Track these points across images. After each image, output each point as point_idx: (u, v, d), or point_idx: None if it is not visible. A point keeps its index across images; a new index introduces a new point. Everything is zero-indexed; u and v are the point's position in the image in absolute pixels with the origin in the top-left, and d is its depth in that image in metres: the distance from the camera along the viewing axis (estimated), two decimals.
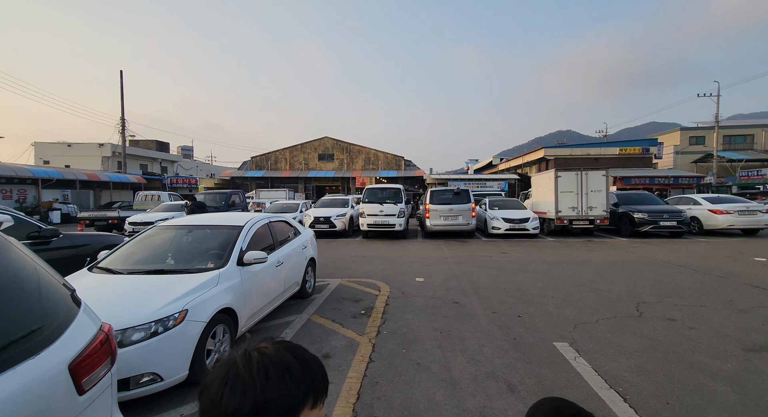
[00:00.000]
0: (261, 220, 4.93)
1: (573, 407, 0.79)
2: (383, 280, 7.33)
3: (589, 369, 3.56)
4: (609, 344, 4.12)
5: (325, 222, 14.01)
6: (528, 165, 39.12)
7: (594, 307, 5.45)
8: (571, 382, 3.34)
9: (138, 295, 3.19)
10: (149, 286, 3.33)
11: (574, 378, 3.40)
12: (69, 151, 38.02)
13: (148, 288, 3.29)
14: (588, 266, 8.38)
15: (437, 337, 4.41)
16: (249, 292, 4.03)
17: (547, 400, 0.83)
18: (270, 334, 4.51)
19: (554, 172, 13.62)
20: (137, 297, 3.14)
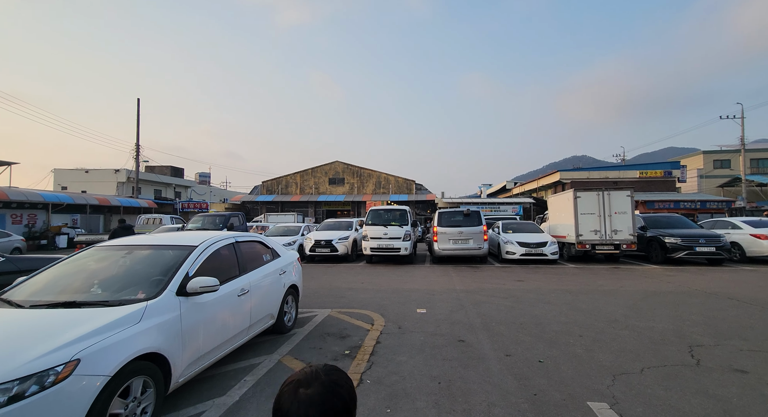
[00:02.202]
0: (223, 239, 4.15)
1: None
2: (379, 310, 6.37)
3: None
4: (665, 408, 3.06)
5: (326, 245, 13.18)
6: (543, 189, 37.89)
7: (635, 350, 4.37)
8: None
9: (19, 338, 2.39)
10: (43, 326, 2.53)
11: None
12: (86, 177, 38.95)
13: (40, 328, 2.50)
14: (618, 297, 7.23)
15: (434, 391, 3.43)
16: (192, 330, 3.18)
17: None
18: (223, 384, 3.61)
19: (573, 193, 12.61)
20: (16, 341, 2.34)
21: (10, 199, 21.53)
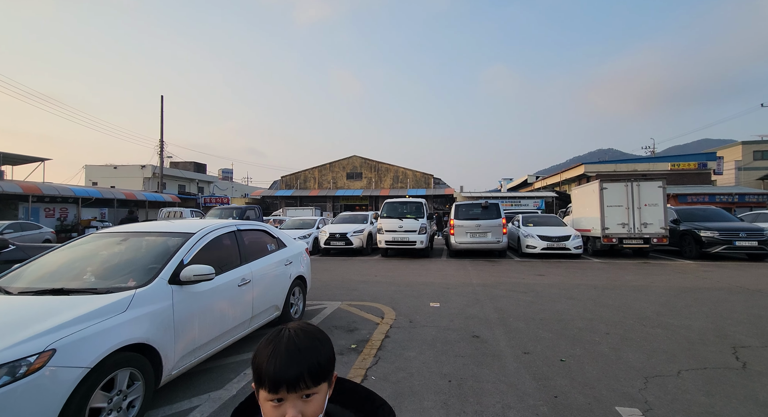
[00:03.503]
0: (223, 227, 3.98)
1: None
2: (391, 304, 6.13)
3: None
4: (706, 415, 2.68)
5: (341, 239, 13.02)
6: (566, 183, 36.54)
7: (669, 350, 3.95)
8: None
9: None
10: (23, 314, 2.41)
11: None
12: (115, 173, 40.41)
13: (20, 316, 2.37)
14: (649, 294, 6.71)
15: (444, 390, 3.16)
16: (187, 321, 3.03)
17: None
18: (222, 377, 3.46)
19: (599, 183, 11.93)
20: None
21: (43, 194, 22.48)
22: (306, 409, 0.74)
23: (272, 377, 0.72)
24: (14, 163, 27.50)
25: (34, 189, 21.83)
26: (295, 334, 0.78)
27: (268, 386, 0.73)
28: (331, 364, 0.79)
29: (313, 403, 0.75)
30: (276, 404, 0.74)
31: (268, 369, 0.73)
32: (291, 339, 0.76)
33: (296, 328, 0.80)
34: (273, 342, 0.77)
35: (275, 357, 0.74)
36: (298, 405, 0.73)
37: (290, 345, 0.75)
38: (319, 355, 0.76)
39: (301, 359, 0.74)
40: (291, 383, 0.72)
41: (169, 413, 2.83)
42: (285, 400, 0.73)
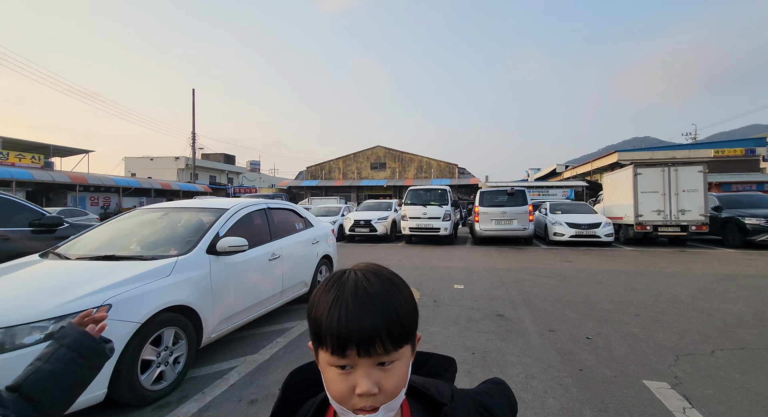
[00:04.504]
0: (254, 205, 4.18)
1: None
2: (415, 285, 6.21)
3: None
4: (741, 391, 2.61)
5: (366, 225, 13.19)
6: (598, 172, 35.09)
7: (704, 331, 3.83)
8: None
9: (62, 283, 2.52)
10: (82, 275, 2.66)
11: None
12: (151, 164, 42.43)
13: (79, 276, 2.62)
14: (685, 279, 6.45)
15: (468, 360, 3.23)
16: (223, 288, 3.23)
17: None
18: (256, 344, 3.67)
19: (633, 169, 11.42)
20: (58, 286, 2.47)
21: (88, 183, 24.03)
22: (385, 381, 0.53)
23: (336, 333, 0.53)
24: (62, 154, 29.42)
25: (81, 179, 23.34)
26: (364, 277, 0.57)
27: (331, 346, 0.53)
28: (414, 319, 0.57)
29: (394, 374, 0.54)
30: (343, 372, 0.54)
31: (331, 322, 0.53)
32: (359, 283, 0.56)
33: (364, 269, 0.59)
34: (335, 286, 0.57)
35: (339, 305, 0.54)
36: (374, 375, 0.53)
37: (359, 290, 0.55)
38: (398, 305, 0.55)
39: (375, 310, 0.53)
40: (363, 343, 0.52)
41: (210, 372, 3.06)
42: (355, 367, 0.53)
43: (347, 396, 0.53)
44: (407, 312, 0.56)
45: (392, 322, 0.54)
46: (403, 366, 0.56)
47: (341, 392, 0.54)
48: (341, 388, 0.54)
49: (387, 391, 0.53)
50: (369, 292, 0.55)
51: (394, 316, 0.54)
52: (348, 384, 0.54)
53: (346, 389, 0.54)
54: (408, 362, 0.58)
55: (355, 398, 0.53)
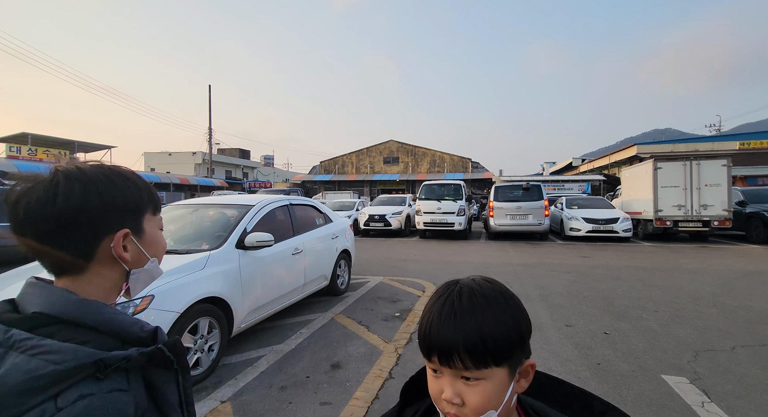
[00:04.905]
0: (278, 201, 4.32)
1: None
2: (431, 280, 6.31)
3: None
4: (761, 387, 2.64)
5: (380, 220, 13.31)
6: (616, 165, 34.26)
7: (724, 328, 3.82)
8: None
9: None
10: None
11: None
12: (170, 159, 43.41)
13: None
14: (706, 276, 6.37)
15: None
16: (251, 281, 3.40)
17: None
18: (281, 334, 3.84)
19: (653, 163, 11.19)
20: None
21: None
22: (467, 396, 0.54)
23: (422, 338, 0.58)
24: (86, 150, 30.34)
25: None
26: (462, 291, 0.58)
27: (421, 349, 0.58)
28: (507, 343, 0.54)
29: (478, 392, 0.54)
30: (435, 375, 0.58)
31: (422, 326, 0.58)
32: (455, 296, 0.57)
33: (470, 282, 0.60)
34: (441, 293, 0.60)
35: (431, 314, 0.58)
36: (457, 386, 0.55)
37: (449, 303, 0.57)
38: (484, 325, 0.54)
39: (456, 326, 0.54)
40: (442, 353, 0.55)
41: (240, 360, 3.23)
42: (442, 373, 0.57)
43: (438, 397, 0.57)
44: (498, 334, 0.54)
45: (471, 340, 0.53)
46: (490, 387, 0.54)
47: (434, 392, 0.58)
48: (434, 388, 0.58)
49: (471, 406, 0.54)
50: (456, 306, 0.56)
51: (475, 335, 0.53)
52: (438, 387, 0.57)
53: (436, 391, 0.57)
54: (501, 386, 0.55)
55: (443, 402, 0.56)
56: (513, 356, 0.56)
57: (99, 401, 0.48)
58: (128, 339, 0.57)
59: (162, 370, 0.59)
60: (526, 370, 0.59)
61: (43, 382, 0.47)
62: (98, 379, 0.50)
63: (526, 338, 0.57)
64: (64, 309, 0.54)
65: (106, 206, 0.59)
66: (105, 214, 0.59)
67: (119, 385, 0.51)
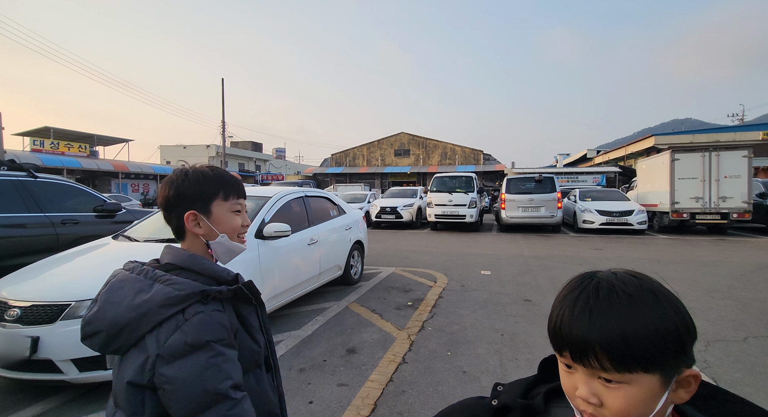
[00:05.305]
0: (294, 193, 4.45)
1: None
2: (443, 271, 6.40)
3: None
4: None
5: (392, 212, 13.41)
6: (632, 156, 33.48)
7: (738, 320, 3.82)
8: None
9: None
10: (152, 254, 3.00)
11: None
12: (184, 152, 44.16)
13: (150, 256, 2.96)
14: (721, 268, 6.29)
15: (496, 341, 3.41)
16: (269, 269, 3.54)
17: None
18: (298, 321, 3.99)
19: (670, 154, 10.98)
20: None
21: (129, 171, 25.47)
22: (607, 399, 0.49)
23: (552, 332, 0.54)
24: (105, 144, 31.11)
25: (122, 167, 24.76)
26: (600, 286, 0.52)
27: (551, 342, 0.55)
28: (658, 349, 0.48)
29: (620, 397, 0.49)
30: (567, 370, 0.54)
31: (552, 317, 0.54)
32: (591, 290, 0.52)
33: (612, 275, 0.54)
34: (576, 283, 0.55)
35: (562, 307, 0.53)
36: (594, 386, 0.50)
37: (584, 298, 0.52)
38: (629, 324, 0.48)
39: (594, 323, 0.49)
40: (576, 351, 0.50)
41: None
42: (576, 369, 0.52)
43: (571, 393, 0.53)
44: (645, 337, 0.47)
45: (609, 340, 0.48)
46: (636, 393, 0.48)
47: (567, 388, 0.54)
48: (566, 383, 0.54)
49: (612, 410, 0.49)
50: (592, 302, 0.50)
51: (616, 335, 0.48)
52: (571, 382, 0.53)
53: (569, 386, 0.53)
54: (651, 394, 0.49)
55: (578, 399, 0.52)
56: (667, 363, 0.48)
57: (207, 316, 0.75)
58: (220, 280, 0.85)
59: (246, 304, 0.86)
60: (687, 381, 0.50)
61: (173, 301, 0.75)
62: (204, 303, 0.77)
63: (686, 345, 0.49)
64: (181, 260, 0.85)
65: (179, 195, 0.87)
66: (180, 200, 0.87)
67: (218, 308, 0.78)
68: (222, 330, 0.76)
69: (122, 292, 0.78)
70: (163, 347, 0.72)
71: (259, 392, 0.87)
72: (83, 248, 3.33)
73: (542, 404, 0.60)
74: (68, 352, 2.27)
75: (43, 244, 4.28)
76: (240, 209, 0.95)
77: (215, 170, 0.93)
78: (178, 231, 0.90)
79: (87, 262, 3.00)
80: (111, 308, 0.77)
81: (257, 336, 0.88)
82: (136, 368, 0.74)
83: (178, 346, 0.72)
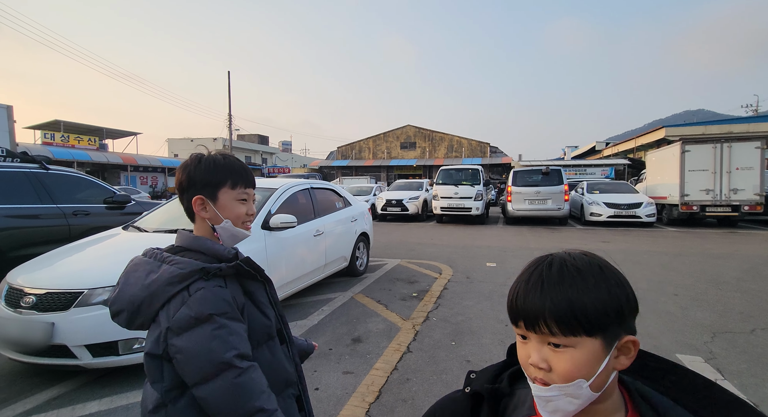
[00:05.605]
0: (299, 185, 4.48)
1: None
2: (448, 263, 6.41)
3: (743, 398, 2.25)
4: None
5: (397, 205, 13.41)
6: (642, 149, 32.93)
7: (746, 311, 3.80)
8: None
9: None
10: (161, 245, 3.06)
11: None
12: (192, 145, 44.39)
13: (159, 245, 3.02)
14: (732, 261, 6.22)
15: (500, 331, 3.43)
16: (276, 260, 3.58)
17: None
18: (304, 311, 4.05)
19: (680, 146, 10.80)
20: None
21: (138, 164, 25.74)
22: (554, 362, 0.54)
23: (509, 306, 0.59)
24: (113, 137, 31.40)
25: (131, 160, 25.03)
26: (553, 262, 0.58)
27: (509, 316, 0.60)
28: (598, 316, 0.53)
29: (565, 360, 0.53)
30: (522, 341, 0.59)
31: (510, 294, 0.60)
32: (545, 266, 0.58)
33: (566, 254, 0.59)
34: (530, 265, 0.60)
35: (518, 283, 0.59)
36: (544, 352, 0.55)
37: (537, 273, 0.57)
38: (575, 293, 0.53)
39: (542, 294, 0.55)
40: (528, 318, 0.56)
41: None
42: (529, 339, 0.57)
43: (525, 362, 0.58)
44: (589, 303, 0.53)
45: (559, 306, 0.53)
46: (580, 355, 0.53)
47: (521, 358, 0.59)
48: (521, 354, 0.59)
49: (558, 373, 0.54)
50: (545, 275, 0.56)
51: (563, 302, 0.53)
52: (525, 352, 0.58)
53: (523, 356, 0.58)
54: (593, 357, 0.53)
55: (530, 367, 0.57)
56: (608, 329, 0.53)
57: (208, 291, 0.82)
58: (221, 258, 0.89)
59: (252, 280, 0.93)
60: (627, 347, 0.55)
61: (176, 278, 0.82)
62: (205, 279, 0.83)
63: (625, 313, 0.55)
64: (188, 242, 0.93)
65: (190, 180, 0.93)
66: (190, 185, 0.94)
67: (219, 284, 0.84)
68: (224, 304, 0.82)
69: (136, 274, 0.87)
70: (172, 321, 0.80)
71: (274, 362, 0.93)
72: (94, 238, 3.41)
73: (507, 387, 0.65)
74: (82, 338, 2.34)
75: (55, 234, 4.38)
76: (246, 198, 0.98)
77: (227, 159, 0.97)
78: (189, 213, 0.96)
79: (98, 252, 3.07)
80: (128, 289, 0.85)
81: (267, 310, 0.94)
82: (153, 341, 0.83)
83: (185, 320, 0.79)
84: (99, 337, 2.34)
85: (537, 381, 0.56)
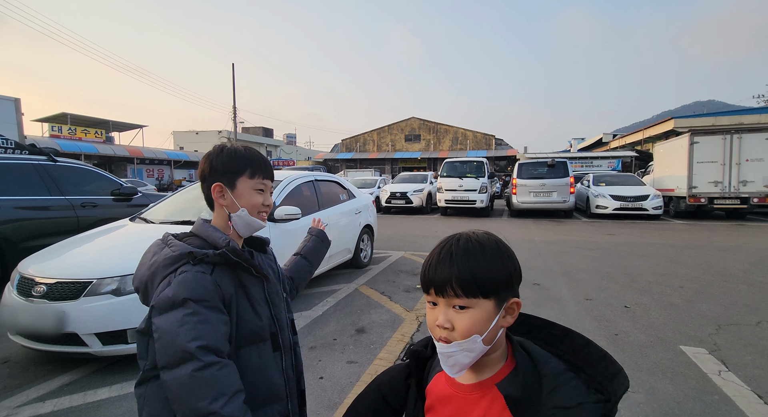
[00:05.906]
0: (304, 177, 4.49)
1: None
2: None
3: (746, 391, 2.26)
4: None
5: (402, 197, 13.40)
6: (650, 140, 32.43)
7: (752, 304, 3.77)
8: (710, 406, 2.12)
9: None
10: None
11: (718, 402, 2.16)
12: (197, 138, 44.60)
13: None
14: (739, 253, 6.17)
15: None
16: (279, 252, 3.53)
17: None
18: (309, 302, 4.09)
19: (689, 137, 10.63)
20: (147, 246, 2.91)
21: (144, 156, 25.90)
22: (456, 321, 0.65)
23: (423, 276, 0.69)
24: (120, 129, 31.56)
25: (137, 152, 25.19)
26: (461, 240, 0.69)
27: (422, 285, 0.70)
28: (493, 281, 0.65)
29: (466, 318, 0.64)
30: (432, 307, 0.69)
31: (423, 267, 0.70)
32: (454, 243, 0.69)
33: (470, 234, 0.71)
34: (441, 243, 0.71)
35: (432, 256, 0.70)
36: (449, 314, 0.66)
37: (447, 248, 0.68)
38: (476, 264, 0.65)
39: (451, 264, 0.65)
40: (438, 285, 0.66)
41: None
42: (438, 305, 0.68)
43: (432, 325, 0.69)
44: (486, 271, 0.65)
45: (463, 274, 0.64)
46: (476, 314, 0.64)
47: (429, 322, 0.70)
48: (430, 319, 0.69)
49: (459, 330, 0.64)
50: (453, 249, 0.67)
51: (467, 272, 0.64)
52: (433, 316, 0.68)
53: (431, 320, 0.68)
54: (487, 315, 0.65)
55: (437, 329, 0.67)
56: (499, 292, 0.66)
57: (189, 275, 0.82)
58: (217, 246, 0.89)
59: (247, 274, 0.92)
60: (512, 307, 0.68)
61: (169, 261, 0.85)
62: (192, 264, 0.84)
63: (513, 280, 0.68)
64: (195, 228, 0.96)
65: (212, 168, 0.95)
66: (211, 172, 0.95)
67: (203, 270, 0.84)
68: (202, 291, 0.81)
69: (147, 255, 0.93)
70: (155, 299, 0.83)
71: (260, 368, 0.90)
72: (102, 229, 3.46)
73: (425, 350, 0.78)
74: (92, 326, 2.39)
75: (64, 225, 4.45)
76: (264, 189, 0.99)
77: (248, 150, 1.00)
78: (208, 200, 0.97)
79: (107, 243, 3.12)
80: (140, 269, 0.92)
81: (260, 309, 0.92)
82: (144, 318, 0.86)
83: (164, 299, 0.81)
84: (108, 326, 2.39)
85: (441, 340, 0.66)
